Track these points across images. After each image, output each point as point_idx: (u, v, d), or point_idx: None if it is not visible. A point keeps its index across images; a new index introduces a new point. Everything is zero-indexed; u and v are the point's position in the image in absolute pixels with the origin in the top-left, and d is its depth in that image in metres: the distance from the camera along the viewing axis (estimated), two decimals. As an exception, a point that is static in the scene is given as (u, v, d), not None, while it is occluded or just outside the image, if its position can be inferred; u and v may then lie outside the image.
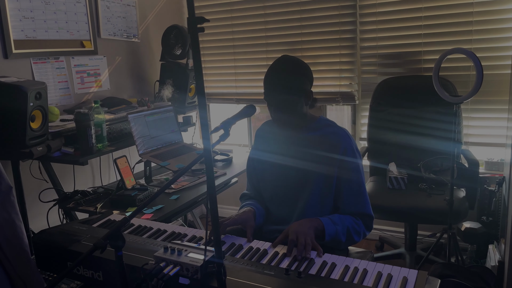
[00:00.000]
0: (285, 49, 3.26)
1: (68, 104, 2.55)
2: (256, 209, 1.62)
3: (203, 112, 0.94)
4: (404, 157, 2.74)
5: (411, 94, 2.79)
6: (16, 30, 2.22)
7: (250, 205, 1.65)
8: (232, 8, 3.38)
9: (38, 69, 2.35)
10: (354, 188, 1.58)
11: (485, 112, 2.77)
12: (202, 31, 0.87)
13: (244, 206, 1.64)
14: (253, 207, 1.62)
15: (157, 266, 1.19)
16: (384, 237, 3.03)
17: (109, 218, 1.73)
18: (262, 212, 1.68)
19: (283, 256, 1.34)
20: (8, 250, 1.48)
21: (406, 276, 1.17)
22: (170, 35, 3.00)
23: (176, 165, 2.25)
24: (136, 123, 2.29)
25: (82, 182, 2.65)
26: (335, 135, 1.60)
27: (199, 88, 0.92)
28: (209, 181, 0.98)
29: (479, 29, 2.68)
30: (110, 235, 1.13)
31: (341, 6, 3.01)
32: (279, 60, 1.58)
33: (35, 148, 1.89)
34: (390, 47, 2.95)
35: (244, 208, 1.62)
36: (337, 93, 3.15)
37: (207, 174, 0.99)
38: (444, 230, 2.33)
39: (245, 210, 1.57)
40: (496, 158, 2.79)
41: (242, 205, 1.69)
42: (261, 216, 1.66)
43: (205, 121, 0.97)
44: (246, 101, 3.49)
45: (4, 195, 1.52)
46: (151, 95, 3.21)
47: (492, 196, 2.58)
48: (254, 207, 1.63)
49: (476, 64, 2.10)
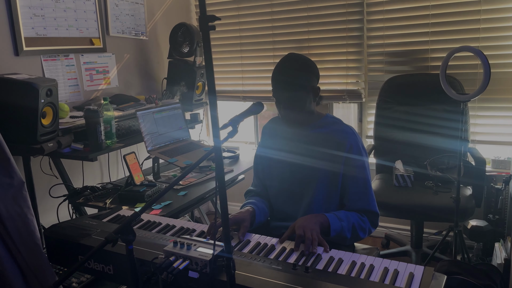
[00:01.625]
0: (292, 47, 3.27)
1: (77, 101, 2.58)
2: (256, 208, 1.62)
3: (213, 110, 0.96)
4: (410, 154, 2.75)
5: (418, 92, 2.79)
6: (27, 27, 2.25)
7: (252, 203, 1.65)
8: (239, 6, 3.39)
9: (48, 66, 2.38)
10: (359, 186, 1.60)
11: (492, 110, 2.76)
12: (213, 29, 0.89)
13: (246, 205, 1.65)
14: (253, 206, 1.62)
15: (167, 260, 1.22)
16: (390, 235, 3.04)
17: (119, 213, 1.76)
18: (265, 211, 1.69)
19: (290, 252, 1.35)
20: (20, 243, 1.52)
21: (413, 272, 1.18)
22: (177, 32, 3.02)
23: (184, 162, 2.28)
24: (145, 120, 2.32)
25: (90, 178, 2.69)
26: (341, 133, 1.62)
27: (210, 86, 0.94)
28: (219, 178, 1.00)
29: (486, 27, 2.67)
30: (121, 229, 1.16)
31: (348, 4, 3.02)
32: (287, 58, 1.59)
33: (46, 144, 1.92)
34: (397, 45, 2.95)
35: (244, 207, 1.63)
36: (344, 91, 3.16)
37: (217, 171, 1.00)
38: (450, 227, 2.34)
39: (242, 210, 1.58)
40: (503, 157, 2.78)
41: (245, 203, 1.69)
42: (263, 215, 1.66)
43: (215, 119, 0.98)
44: (253, 98, 3.50)
45: (17, 190, 1.56)
46: (158, 92, 3.24)
47: (499, 194, 2.58)
48: (254, 206, 1.62)
49: (483, 62, 2.09)
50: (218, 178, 1.00)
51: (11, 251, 1.47)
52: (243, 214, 1.54)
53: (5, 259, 1.46)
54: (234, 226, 1.51)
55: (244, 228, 1.47)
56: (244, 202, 1.74)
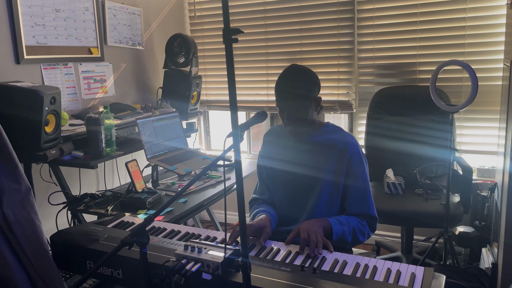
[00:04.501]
0: (285, 59, 3.36)
1: (76, 109, 2.60)
2: (270, 216, 1.67)
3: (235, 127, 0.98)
4: (400, 163, 2.84)
5: (407, 103, 2.90)
6: (28, 36, 2.27)
7: (265, 211, 1.69)
8: (233, 18, 3.47)
9: (48, 74, 2.40)
10: (360, 191, 1.67)
11: (476, 121, 2.89)
12: (236, 41, 0.94)
13: (259, 213, 1.68)
14: (267, 214, 1.66)
15: (179, 263, 1.26)
16: (381, 242, 3.12)
17: (122, 219, 1.78)
18: (276, 218, 1.74)
19: (296, 254, 1.41)
20: (28, 249, 1.53)
21: (414, 272, 1.25)
22: (174, 43, 3.07)
23: (184, 169, 2.32)
24: (144, 128, 2.35)
25: (87, 185, 2.69)
26: (343, 141, 1.69)
27: (232, 102, 0.95)
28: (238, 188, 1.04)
29: (471, 42, 2.81)
30: (137, 232, 1.19)
31: (340, 18, 3.13)
32: (290, 69, 1.67)
33: (49, 152, 1.94)
34: (386, 58, 3.07)
35: (260, 215, 1.66)
36: (335, 102, 3.25)
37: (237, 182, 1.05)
38: (440, 233, 2.43)
39: (262, 217, 1.61)
40: (487, 165, 2.91)
41: (257, 210, 1.73)
42: (275, 222, 1.72)
43: (236, 135, 1.02)
44: (246, 108, 3.57)
45: (24, 196, 1.57)
46: (153, 101, 3.27)
47: (485, 202, 2.69)
48: (268, 214, 1.67)
49: (471, 76, 2.21)
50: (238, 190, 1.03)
51: (19, 256, 1.48)
52: (264, 221, 1.58)
53: (13, 265, 1.47)
54: (257, 233, 1.54)
55: (266, 234, 1.51)
56: (252, 209, 1.78)
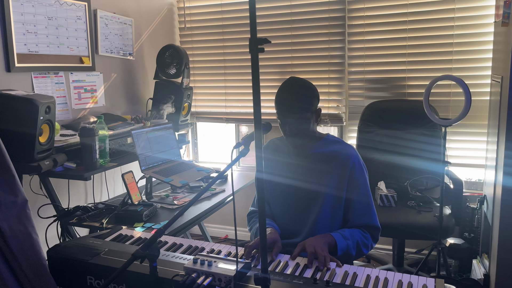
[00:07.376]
0: (275, 71, 3.38)
1: (66, 119, 2.53)
2: (276, 230, 1.66)
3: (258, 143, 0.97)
4: (391, 176, 2.88)
5: (397, 117, 2.96)
6: (20, 44, 2.21)
7: (269, 225, 1.68)
8: (224, 30, 3.47)
9: (39, 83, 2.33)
10: (363, 203, 1.67)
11: (464, 135, 2.97)
12: (262, 51, 0.94)
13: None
14: (273, 228, 1.65)
15: (189, 277, 1.22)
16: (371, 254, 3.13)
17: (120, 232, 1.73)
18: (279, 231, 1.72)
19: (304, 267, 1.39)
20: (25, 264, 1.46)
21: (426, 284, 1.25)
22: (165, 54, 3.05)
23: (180, 181, 2.28)
24: (139, 139, 2.31)
25: (75, 198, 2.61)
26: (344, 152, 1.70)
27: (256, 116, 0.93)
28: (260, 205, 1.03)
29: (458, 59, 2.90)
30: (148, 246, 1.16)
31: (331, 33, 3.18)
32: (290, 81, 1.67)
33: (43, 162, 1.87)
34: (376, 73, 3.13)
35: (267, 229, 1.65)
36: (326, 115, 3.28)
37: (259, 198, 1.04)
38: (434, 245, 2.46)
39: (271, 231, 1.60)
40: (474, 178, 2.98)
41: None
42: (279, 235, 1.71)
43: (260, 152, 1.01)
44: (235, 120, 3.56)
45: (20, 208, 1.51)
46: (143, 112, 3.22)
47: (474, 214, 2.75)
48: (274, 228, 1.66)
49: (464, 90, 2.28)
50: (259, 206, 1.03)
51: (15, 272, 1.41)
52: (274, 235, 1.56)
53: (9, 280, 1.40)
54: (268, 247, 1.52)
55: (278, 248, 1.50)
56: (252, 223, 1.76)
